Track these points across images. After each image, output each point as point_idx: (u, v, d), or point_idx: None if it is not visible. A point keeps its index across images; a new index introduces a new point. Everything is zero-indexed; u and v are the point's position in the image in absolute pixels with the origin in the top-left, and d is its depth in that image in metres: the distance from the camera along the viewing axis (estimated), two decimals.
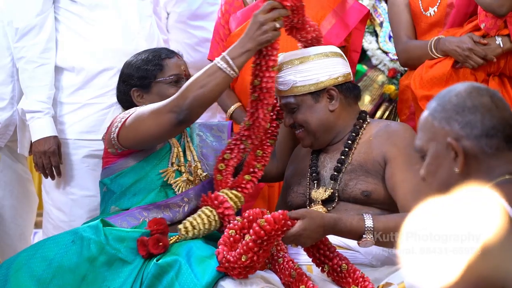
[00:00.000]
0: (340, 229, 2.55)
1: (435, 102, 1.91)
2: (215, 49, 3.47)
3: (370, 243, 2.56)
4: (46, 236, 3.36)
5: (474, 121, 1.86)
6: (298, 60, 2.81)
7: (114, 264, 2.62)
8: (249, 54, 2.66)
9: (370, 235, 2.55)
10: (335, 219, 2.56)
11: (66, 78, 3.39)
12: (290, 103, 2.81)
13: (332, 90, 2.80)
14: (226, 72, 2.65)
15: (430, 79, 3.14)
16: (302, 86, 2.78)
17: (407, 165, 2.65)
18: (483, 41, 3.06)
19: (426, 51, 3.17)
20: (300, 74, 2.78)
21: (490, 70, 3.12)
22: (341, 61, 2.85)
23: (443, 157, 1.88)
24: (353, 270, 2.55)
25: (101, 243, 2.64)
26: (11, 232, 3.66)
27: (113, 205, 2.89)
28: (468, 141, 1.85)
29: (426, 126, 1.91)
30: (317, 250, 2.60)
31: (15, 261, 2.68)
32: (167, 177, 2.87)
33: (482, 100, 1.88)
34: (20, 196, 3.69)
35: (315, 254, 2.60)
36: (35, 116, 3.32)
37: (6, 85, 3.51)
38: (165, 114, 2.69)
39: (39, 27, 3.35)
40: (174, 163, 2.90)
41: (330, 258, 2.58)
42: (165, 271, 2.58)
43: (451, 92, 1.90)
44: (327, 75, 2.79)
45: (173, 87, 2.92)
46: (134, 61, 3.01)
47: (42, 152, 3.29)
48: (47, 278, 2.62)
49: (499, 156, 1.87)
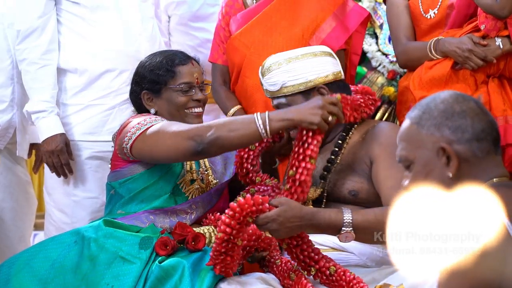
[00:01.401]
0: (318, 222, 2.51)
1: (418, 111, 1.92)
2: (216, 51, 3.48)
3: (350, 237, 2.52)
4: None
5: (464, 125, 1.87)
6: (286, 61, 2.82)
7: (115, 262, 2.62)
8: (288, 123, 2.59)
9: (349, 228, 2.51)
10: (313, 211, 2.54)
11: (69, 80, 3.39)
12: (281, 103, 2.82)
13: (323, 88, 2.81)
14: (259, 128, 2.59)
15: (430, 80, 3.14)
16: (292, 85, 2.79)
17: (391, 162, 2.63)
18: (483, 42, 3.06)
19: (425, 52, 3.16)
20: (288, 74, 2.80)
21: (490, 72, 3.12)
22: (331, 60, 2.86)
23: (433, 163, 1.89)
24: (343, 271, 2.53)
25: (101, 241, 2.65)
26: (10, 234, 3.65)
27: (120, 209, 2.87)
28: (460, 145, 1.87)
29: (410, 135, 1.92)
30: (301, 251, 2.56)
31: (17, 261, 2.69)
32: (183, 184, 2.88)
33: (469, 105, 1.90)
34: (20, 198, 3.68)
35: (299, 256, 2.57)
36: (40, 116, 3.32)
37: (6, 87, 3.50)
38: (186, 140, 2.64)
39: (41, 29, 3.35)
40: (189, 171, 2.90)
41: (316, 260, 2.56)
42: (169, 274, 2.58)
43: (436, 100, 1.92)
44: (315, 73, 2.80)
45: (183, 95, 2.91)
46: (148, 63, 2.97)
47: (50, 151, 3.29)
48: (48, 278, 2.63)
49: (488, 160, 1.89)
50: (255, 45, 3.32)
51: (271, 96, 2.86)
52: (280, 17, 3.31)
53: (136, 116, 2.88)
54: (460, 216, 1.77)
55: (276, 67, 2.82)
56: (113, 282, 2.59)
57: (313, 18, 3.30)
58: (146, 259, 2.63)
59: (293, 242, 2.56)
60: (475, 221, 1.75)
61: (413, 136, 1.91)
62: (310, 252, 2.56)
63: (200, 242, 2.68)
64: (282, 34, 3.29)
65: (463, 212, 1.77)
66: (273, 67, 2.82)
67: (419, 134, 1.90)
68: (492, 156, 1.90)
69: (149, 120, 2.79)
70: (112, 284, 2.58)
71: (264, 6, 3.34)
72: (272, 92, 2.83)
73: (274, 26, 3.31)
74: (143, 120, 2.81)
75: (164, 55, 2.98)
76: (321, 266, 2.55)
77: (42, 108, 3.33)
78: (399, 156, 1.95)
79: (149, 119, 2.80)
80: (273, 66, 2.82)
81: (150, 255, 2.64)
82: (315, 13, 3.30)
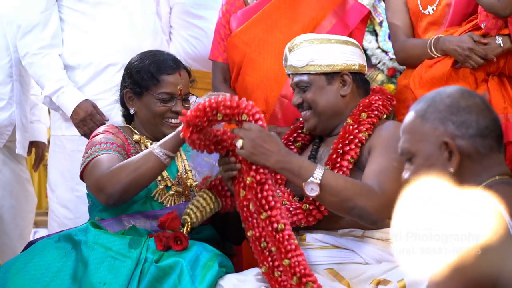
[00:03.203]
0: (291, 161, 2.51)
1: (424, 104, 1.92)
2: (216, 48, 3.48)
3: (316, 190, 2.49)
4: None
5: (469, 121, 1.87)
6: (318, 41, 2.83)
7: (105, 261, 2.61)
8: (181, 140, 2.61)
9: (317, 180, 2.49)
10: (292, 152, 2.58)
11: (71, 76, 3.41)
12: (302, 81, 2.82)
13: (347, 75, 2.82)
14: (158, 156, 2.64)
15: (430, 79, 3.13)
16: (318, 65, 2.80)
17: (383, 151, 2.64)
18: (484, 40, 3.05)
19: (425, 50, 3.15)
20: (318, 53, 2.80)
21: (490, 70, 3.12)
22: (359, 52, 2.88)
23: (436, 158, 1.89)
24: (289, 236, 2.49)
25: (90, 243, 2.65)
26: (10, 232, 3.66)
27: (97, 215, 2.84)
28: (463, 141, 1.87)
29: (414, 128, 1.92)
30: (261, 190, 2.49)
31: (14, 264, 2.69)
32: (157, 195, 2.83)
33: (475, 101, 1.90)
34: (19, 196, 3.69)
35: (258, 195, 2.49)
36: (59, 94, 3.34)
37: (4, 85, 3.51)
38: (99, 193, 2.69)
39: (43, 25, 3.36)
40: (160, 180, 2.85)
41: (271, 207, 2.50)
42: (167, 273, 2.58)
43: (442, 94, 1.91)
44: (344, 59, 2.81)
45: (162, 105, 2.85)
46: (136, 63, 2.92)
47: (82, 119, 3.31)
48: (45, 281, 2.62)
49: (490, 157, 1.89)
50: (255, 43, 3.32)
51: (293, 72, 2.84)
52: (280, 15, 3.32)
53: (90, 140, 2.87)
54: (460, 214, 1.77)
55: (307, 44, 2.82)
56: (106, 280, 2.57)
57: (313, 15, 3.31)
58: (136, 258, 2.62)
59: (257, 177, 2.51)
60: (476, 218, 1.76)
61: (416, 128, 1.91)
62: (269, 196, 2.51)
63: (175, 222, 2.69)
64: (282, 31, 3.29)
65: (464, 209, 1.78)
66: (304, 44, 2.82)
67: (423, 127, 1.90)
68: (495, 154, 1.90)
69: (90, 153, 2.78)
70: (105, 282, 2.57)
71: (264, 4, 3.34)
72: (296, 68, 2.82)
73: (274, 24, 3.32)
74: (85, 151, 2.81)
75: (154, 59, 2.90)
76: (272, 215, 2.50)
77: (58, 86, 3.35)
78: (401, 148, 1.95)
79: (89, 152, 2.78)
80: (304, 43, 2.83)
81: (140, 255, 2.63)
82: (315, 11, 3.30)
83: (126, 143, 2.85)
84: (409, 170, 1.94)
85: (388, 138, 2.66)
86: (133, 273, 2.60)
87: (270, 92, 3.29)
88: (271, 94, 3.29)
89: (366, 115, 2.75)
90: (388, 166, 2.59)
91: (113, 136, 2.83)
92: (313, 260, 2.67)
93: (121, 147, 2.80)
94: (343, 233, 2.69)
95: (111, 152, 2.74)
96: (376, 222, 2.56)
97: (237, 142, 2.50)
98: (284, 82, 3.26)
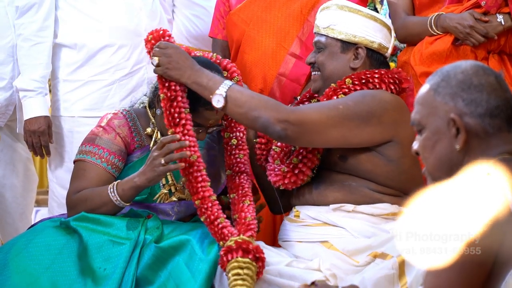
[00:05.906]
0: (201, 75, 2.62)
1: (438, 77, 1.90)
2: (216, 26, 3.47)
3: (221, 99, 2.58)
4: (51, 214, 3.38)
5: (479, 99, 1.85)
6: (349, 9, 2.82)
7: (104, 245, 2.63)
8: (136, 189, 2.67)
9: (224, 91, 2.57)
10: (204, 68, 2.65)
11: (68, 56, 3.39)
12: (320, 41, 2.84)
13: (361, 49, 2.80)
14: (112, 198, 2.69)
15: (430, 56, 3.12)
16: (338, 31, 2.80)
17: (335, 101, 2.66)
18: (484, 18, 3.04)
19: (425, 27, 3.14)
20: (342, 20, 2.80)
21: (490, 48, 3.11)
22: (386, 33, 2.85)
23: (443, 133, 1.87)
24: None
25: (90, 227, 2.66)
26: (12, 211, 3.67)
27: None
28: (471, 119, 1.85)
29: (426, 100, 1.91)
30: (170, 106, 2.63)
31: (15, 245, 2.70)
32: (159, 199, 2.84)
33: (488, 79, 1.87)
34: (21, 175, 3.69)
35: (169, 109, 2.63)
36: (27, 95, 3.34)
37: (6, 64, 3.50)
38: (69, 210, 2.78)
39: (38, 5, 3.34)
40: (165, 184, 2.85)
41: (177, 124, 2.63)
42: (170, 254, 2.59)
43: (457, 69, 1.89)
44: (364, 33, 2.80)
45: None
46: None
47: (32, 131, 3.32)
48: (46, 263, 2.63)
49: (499, 137, 1.87)
50: (253, 21, 3.31)
51: (316, 31, 2.87)
52: None
53: (92, 130, 2.88)
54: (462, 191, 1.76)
55: (336, 9, 2.83)
56: (105, 265, 2.60)
57: None
58: (135, 239, 2.63)
59: (168, 94, 2.64)
60: (477, 195, 1.75)
61: (428, 101, 1.90)
62: (176, 113, 2.62)
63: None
64: (280, 10, 3.28)
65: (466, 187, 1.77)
66: (333, 7, 2.83)
67: (434, 101, 1.88)
68: (504, 133, 1.87)
69: (85, 151, 2.81)
70: (105, 267, 2.59)
71: None
72: (318, 28, 2.85)
73: (273, 2, 3.30)
74: (84, 141, 2.85)
75: None
76: (176, 132, 2.61)
77: (31, 87, 3.34)
78: (412, 119, 1.94)
79: (86, 148, 2.81)
80: (333, 7, 2.83)
81: (138, 237, 2.65)
82: None
83: (130, 137, 2.84)
84: (418, 141, 1.93)
85: (360, 94, 2.67)
86: (132, 256, 2.61)
87: (268, 71, 3.28)
88: (269, 72, 3.28)
89: (351, 81, 2.74)
90: (324, 104, 2.64)
91: (113, 136, 2.82)
92: (307, 237, 2.70)
93: (116, 153, 2.80)
94: (335, 208, 2.70)
95: (99, 164, 2.77)
96: (281, 137, 2.58)
97: (153, 60, 2.65)
98: (282, 61, 3.26)
